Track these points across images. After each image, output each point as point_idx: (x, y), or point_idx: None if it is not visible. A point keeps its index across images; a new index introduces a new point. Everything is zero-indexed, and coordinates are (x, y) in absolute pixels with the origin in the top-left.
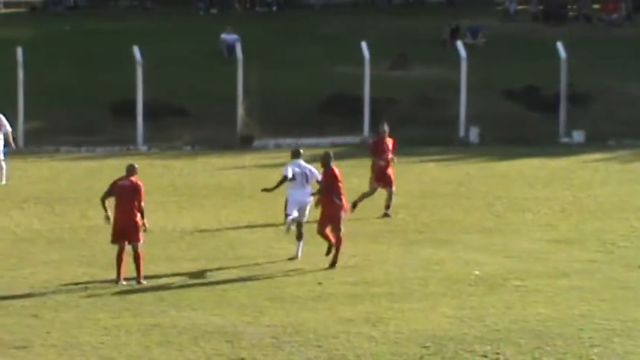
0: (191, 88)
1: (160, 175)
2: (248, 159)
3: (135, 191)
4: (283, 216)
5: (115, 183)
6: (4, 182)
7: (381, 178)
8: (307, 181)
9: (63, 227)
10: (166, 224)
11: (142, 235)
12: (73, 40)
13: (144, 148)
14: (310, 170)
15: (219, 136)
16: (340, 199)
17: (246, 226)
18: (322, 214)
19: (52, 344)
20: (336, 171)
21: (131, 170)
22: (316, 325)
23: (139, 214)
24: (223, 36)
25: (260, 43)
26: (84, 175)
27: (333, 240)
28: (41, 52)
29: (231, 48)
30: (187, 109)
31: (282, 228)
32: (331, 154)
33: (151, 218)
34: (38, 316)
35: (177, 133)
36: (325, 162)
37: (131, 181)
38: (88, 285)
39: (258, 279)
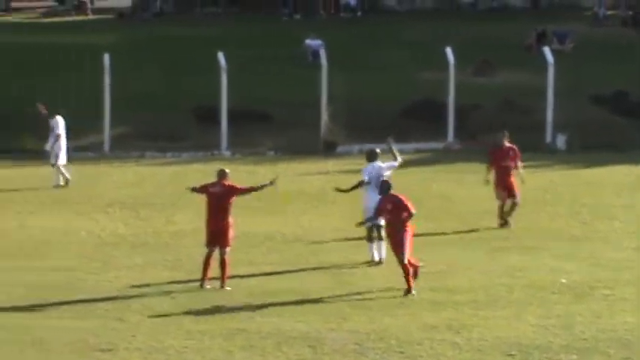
0: (275, 93)
1: (243, 181)
2: (331, 164)
3: (228, 195)
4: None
5: (206, 187)
6: (61, 183)
7: (505, 187)
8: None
9: (147, 232)
10: (249, 229)
11: (231, 240)
12: (158, 46)
13: (227, 154)
14: (383, 168)
15: (303, 142)
16: (404, 228)
17: (329, 232)
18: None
19: (136, 347)
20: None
21: (222, 175)
22: (399, 332)
23: (230, 220)
24: (307, 41)
25: (344, 48)
26: (169, 180)
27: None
28: (127, 58)
29: (315, 53)
30: (271, 115)
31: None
32: (390, 183)
33: (234, 223)
34: (123, 320)
35: (260, 138)
36: (384, 188)
37: (223, 185)
38: (173, 289)
39: (340, 285)
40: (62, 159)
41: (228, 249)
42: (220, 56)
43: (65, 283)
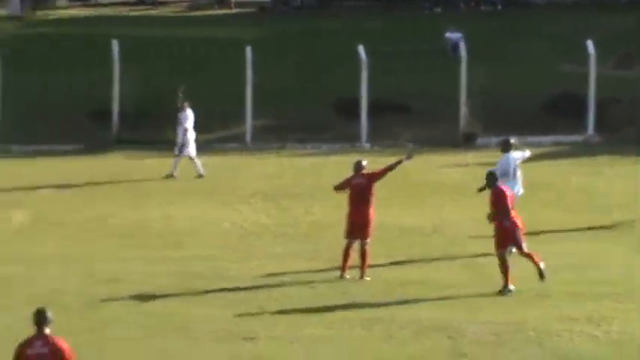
0: (414, 86)
1: None
2: (471, 157)
3: (370, 183)
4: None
5: (348, 181)
6: (202, 173)
7: None
8: (516, 173)
9: (287, 222)
10: (388, 221)
11: (371, 232)
12: (299, 39)
13: (367, 146)
14: (517, 159)
15: (442, 134)
16: (509, 219)
17: (467, 224)
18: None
19: (276, 336)
20: (503, 189)
21: (359, 167)
22: (537, 323)
23: (372, 212)
24: (447, 34)
25: (484, 41)
26: (308, 171)
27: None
28: (269, 52)
29: (455, 46)
30: (411, 107)
31: None
32: (495, 175)
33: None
34: (264, 309)
35: (399, 130)
36: (491, 181)
37: (363, 176)
38: (312, 279)
39: (478, 276)
40: (192, 151)
41: (368, 240)
42: (360, 49)
43: (209, 272)
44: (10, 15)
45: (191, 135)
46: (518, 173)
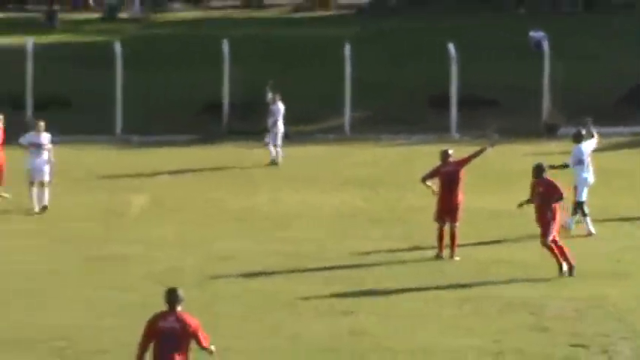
0: (501, 81)
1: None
2: (553, 145)
3: (458, 170)
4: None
5: (437, 170)
6: (279, 160)
7: None
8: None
9: (383, 207)
10: (476, 205)
11: (460, 215)
12: (393, 37)
13: (456, 136)
14: (589, 149)
15: (526, 125)
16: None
17: None
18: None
19: (374, 311)
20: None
21: (446, 155)
22: (617, 300)
23: (461, 196)
24: (531, 33)
25: (566, 39)
26: (401, 160)
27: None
28: (366, 49)
29: (538, 44)
30: (497, 100)
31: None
32: (543, 166)
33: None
34: (362, 286)
35: (487, 122)
36: (538, 171)
37: (450, 164)
38: (406, 258)
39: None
40: (279, 140)
41: (457, 223)
42: (450, 46)
43: (313, 252)
44: (130, 17)
45: (280, 126)
46: (588, 161)
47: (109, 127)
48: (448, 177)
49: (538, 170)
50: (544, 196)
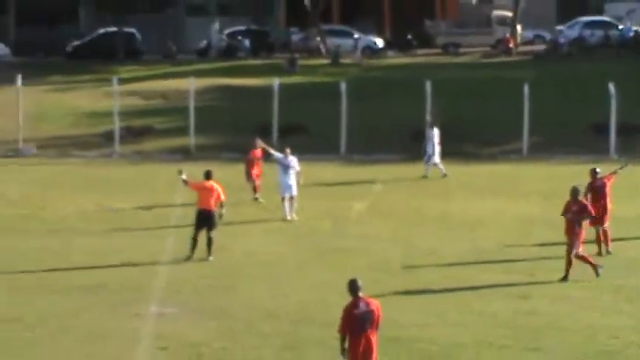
0: None
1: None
2: None
3: (605, 184)
4: None
5: (590, 184)
6: (444, 172)
7: None
8: None
9: (556, 214)
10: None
11: (608, 218)
12: (564, 78)
13: (614, 157)
14: None
15: None
16: (580, 227)
17: None
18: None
19: (545, 295)
20: (585, 202)
21: (594, 172)
22: None
23: (608, 204)
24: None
25: None
26: (570, 175)
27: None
28: (541, 88)
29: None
30: None
31: None
32: (578, 189)
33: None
34: (534, 275)
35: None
36: (574, 194)
37: (600, 179)
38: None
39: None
40: (437, 159)
41: (606, 225)
42: (610, 86)
43: (496, 248)
44: (352, 62)
45: (437, 148)
46: None
47: (335, 147)
48: (598, 189)
49: (575, 192)
50: (576, 214)
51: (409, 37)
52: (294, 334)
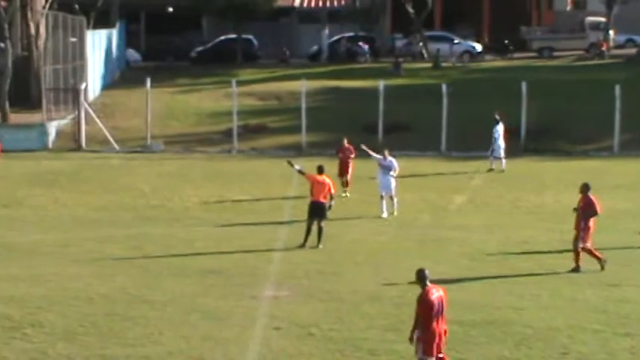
0: None
1: None
2: None
3: None
4: None
5: None
6: (503, 167)
7: None
8: None
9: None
10: None
11: None
12: None
13: None
14: None
15: None
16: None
17: None
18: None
19: (636, 284)
20: (592, 199)
21: None
22: None
23: None
24: None
25: None
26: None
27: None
28: (632, 89)
29: None
30: None
31: None
32: (589, 185)
33: None
34: (626, 264)
35: None
36: (583, 190)
37: None
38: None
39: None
40: (501, 153)
41: None
42: None
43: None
44: (453, 65)
45: (501, 142)
46: None
47: (436, 145)
48: None
49: (585, 188)
50: (584, 209)
51: (506, 41)
52: (396, 317)
